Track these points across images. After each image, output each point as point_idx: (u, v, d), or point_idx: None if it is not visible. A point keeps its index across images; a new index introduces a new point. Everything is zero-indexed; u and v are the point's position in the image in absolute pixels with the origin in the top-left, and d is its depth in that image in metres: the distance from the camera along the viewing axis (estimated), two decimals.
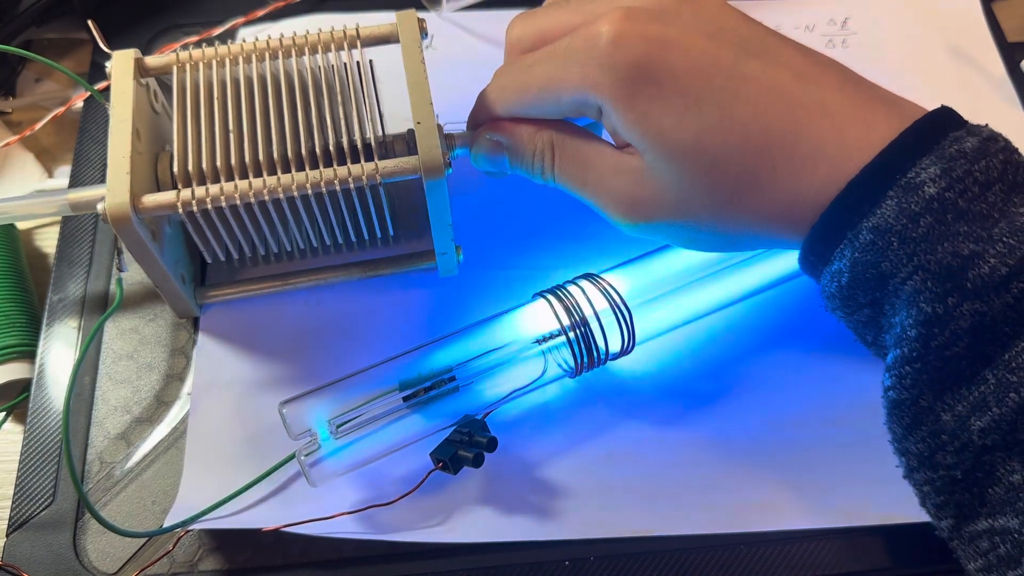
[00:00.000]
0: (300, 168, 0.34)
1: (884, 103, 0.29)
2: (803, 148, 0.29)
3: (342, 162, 0.34)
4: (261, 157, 0.34)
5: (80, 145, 0.45)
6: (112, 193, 0.32)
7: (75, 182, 0.44)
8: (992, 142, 0.27)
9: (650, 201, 0.32)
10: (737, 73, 0.29)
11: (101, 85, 0.45)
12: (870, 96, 0.29)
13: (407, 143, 0.37)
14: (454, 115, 0.37)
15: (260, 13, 0.49)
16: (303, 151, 0.34)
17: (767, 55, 0.30)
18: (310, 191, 0.33)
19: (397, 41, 0.36)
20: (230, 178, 0.33)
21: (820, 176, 0.28)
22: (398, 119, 0.39)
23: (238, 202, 0.33)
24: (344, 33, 0.37)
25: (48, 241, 0.46)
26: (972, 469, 0.26)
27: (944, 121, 0.28)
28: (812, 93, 0.29)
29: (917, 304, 0.27)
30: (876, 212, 0.27)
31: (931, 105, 0.29)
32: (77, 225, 0.43)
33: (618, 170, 0.32)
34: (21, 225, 0.46)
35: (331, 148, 0.34)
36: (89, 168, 0.45)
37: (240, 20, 0.48)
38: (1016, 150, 0.28)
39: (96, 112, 0.46)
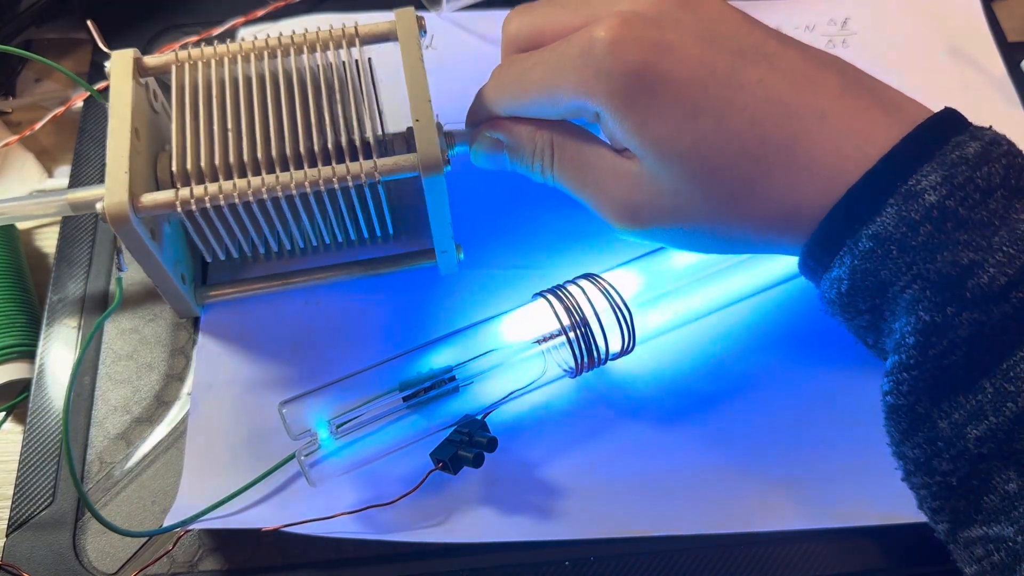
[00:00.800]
0: (299, 166, 0.34)
1: (885, 108, 0.29)
2: (800, 157, 0.28)
3: (341, 160, 0.34)
4: (260, 156, 0.34)
5: (80, 145, 0.45)
6: (111, 192, 0.32)
7: (75, 182, 0.44)
8: (995, 146, 0.27)
9: (647, 206, 0.32)
10: (734, 82, 0.29)
11: (101, 85, 0.45)
12: (871, 101, 0.29)
13: (407, 141, 0.37)
14: (454, 114, 0.37)
15: (260, 13, 0.49)
16: (302, 149, 0.34)
17: (765, 62, 0.29)
18: (309, 189, 0.33)
19: (396, 39, 0.36)
20: (229, 177, 0.33)
21: (816, 185, 0.28)
22: (399, 118, 0.39)
23: (237, 201, 0.33)
24: (343, 31, 0.36)
25: (48, 241, 0.46)
26: (968, 477, 0.26)
27: (947, 124, 0.28)
28: (810, 101, 0.29)
29: (916, 312, 0.27)
30: (876, 220, 0.27)
31: (931, 105, 0.29)
32: (77, 225, 0.43)
33: (616, 174, 0.32)
34: (21, 225, 0.46)
35: (330, 146, 0.34)
36: (89, 168, 0.45)
37: (240, 20, 0.48)
38: (1020, 153, 0.27)
39: (96, 112, 0.46)
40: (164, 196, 0.33)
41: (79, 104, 0.47)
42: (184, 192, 0.33)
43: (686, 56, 0.29)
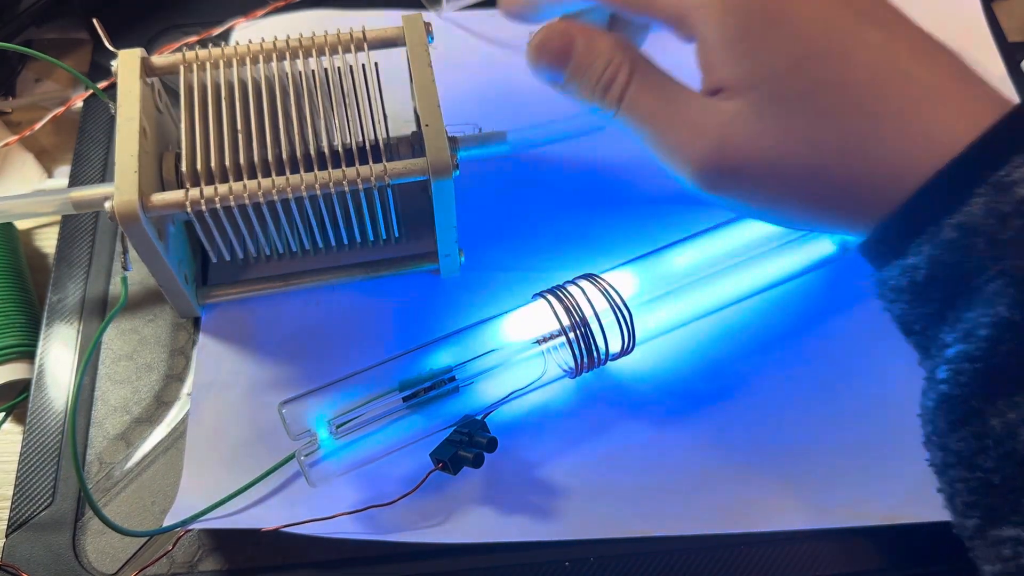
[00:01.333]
0: (308, 168, 0.34)
1: (991, 98, 0.28)
2: (916, 127, 0.27)
3: (351, 163, 0.34)
4: (270, 157, 0.34)
5: (80, 145, 0.45)
6: (121, 191, 0.32)
7: (75, 182, 0.44)
8: None
9: (742, 145, 0.29)
10: (858, 36, 0.28)
11: (102, 84, 0.45)
12: (981, 91, 0.28)
13: (412, 145, 0.37)
14: (454, 116, 0.37)
15: (260, 13, 0.49)
16: (312, 152, 0.34)
17: (887, 27, 0.29)
18: (319, 191, 0.33)
19: (403, 44, 0.36)
20: (239, 178, 0.34)
21: (928, 155, 0.27)
22: (397, 121, 0.39)
23: (247, 201, 0.33)
24: (351, 35, 0.37)
25: (48, 241, 0.46)
26: (1011, 477, 0.26)
27: None
28: (928, 75, 0.28)
29: (995, 306, 0.26)
30: (962, 209, 0.26)
31: None
32: (77, 225, 0.43)
33: (706, 109, 0.29)
34: (20, 225, 0.46)
35: (340, 149, 0.34)
36: (89, 168, 0.45)
37: (240, 20, 0.48)
38: None
39: (96, 112, 0.46)
40: (174, 196, 0.33)
41: (79, 104, 0.47)
42: (194, 192, 0.33)
43: (811, 1, 0.28)
